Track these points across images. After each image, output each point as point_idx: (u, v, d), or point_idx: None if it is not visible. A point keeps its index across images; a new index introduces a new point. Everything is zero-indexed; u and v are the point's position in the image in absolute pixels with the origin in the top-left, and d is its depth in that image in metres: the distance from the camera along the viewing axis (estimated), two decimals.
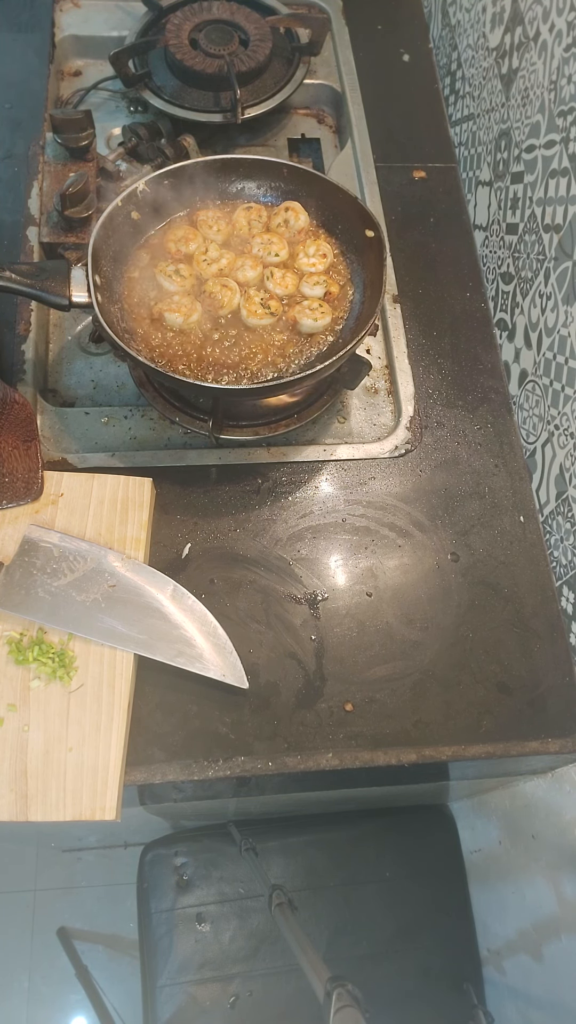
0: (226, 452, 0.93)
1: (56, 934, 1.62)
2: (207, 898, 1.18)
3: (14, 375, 0.95)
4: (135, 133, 1.11)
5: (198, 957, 1.15)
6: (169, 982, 1.14)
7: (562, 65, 0.87)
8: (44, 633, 0.78)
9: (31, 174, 1.09)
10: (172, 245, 0.91)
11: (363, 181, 1.14)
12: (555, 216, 0.89)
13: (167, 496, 0.90)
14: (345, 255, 0.94)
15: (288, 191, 0.96)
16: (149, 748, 0.78)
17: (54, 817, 0.72)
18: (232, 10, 1.17)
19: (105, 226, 0.86)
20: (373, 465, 0.95)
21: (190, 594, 0.81)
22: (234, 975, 1.14)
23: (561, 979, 1.01)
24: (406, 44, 1.29)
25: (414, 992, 1.15)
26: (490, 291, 1.08)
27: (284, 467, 0.93)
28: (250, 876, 1.18)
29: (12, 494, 0.84)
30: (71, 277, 0.82)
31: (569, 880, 0.96)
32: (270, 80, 1.16)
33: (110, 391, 1.00)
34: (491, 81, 1.07)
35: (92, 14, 1.26)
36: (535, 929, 1.07)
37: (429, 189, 1.16)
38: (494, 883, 1.20)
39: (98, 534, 0.84)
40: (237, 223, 0.94)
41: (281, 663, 0.83)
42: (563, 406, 0.87)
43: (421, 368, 1.02)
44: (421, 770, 0.82)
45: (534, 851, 1.05)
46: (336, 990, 0.72)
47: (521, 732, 0.82)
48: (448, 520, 0.92)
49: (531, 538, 0.92)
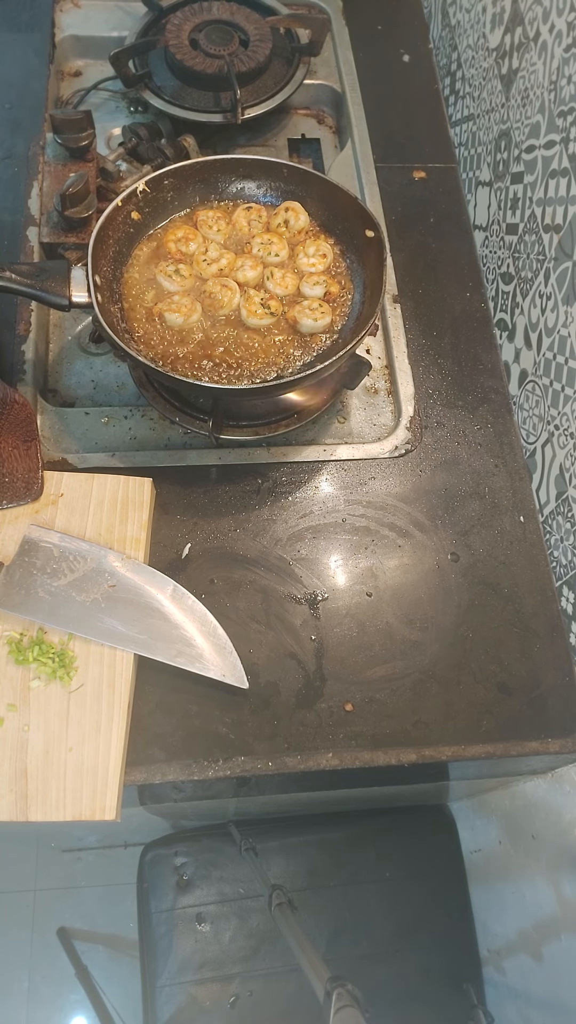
0: (226, 452, 0.93)
1: (56, 934, 1.62)
2: (207, 898, 1.18)
3: (14, 375, 0.95)
4: (135, 133, 1.11)
5: (198, 957, 1.15)
6: (169, 982, 1.14)
7: (562, 65, 0.87)
8: (44, 633, 0.79)
9: (31, 174, 1.09)
10: (172, 245, 0.91)
11: (363, 181, 1.14)
12: (555, 216, 0.89)
13: (167, 496, 0.90)
14: (345, 255, 0.94)
15: (288, 191, 0.96)
16: (149, 748, 0.78)
17: (54, 817, 0.72)
18: (232, 10, 1.17)
19: (105, 226, 0.86)
20: (373, 465, 0.95)
21: (190, 594, 0.81)
22: (234, 975, 1.14)
23: (561, 979, 1.01)
24: (406, 44, 1.30)
25: (414, 992, 1.15)
26: (490, 291, 1.08)
27: (284, 467, 0.93)
28: (250, 876, 1.18)
29: (12, 494, 0.84)
30: (71, 277, 0.82)
31: (569, 880, 0.96)
32: (270, 80, 1.16)
33: (110, 391, 1.00)
34: (491, 81, 1.07)
35: (92, 14, 1.26)
36: (535, 929, 1.07)
37: (429, 189, 1.16)
38: (494, 883, 1.20)
39: (98, 534, 0.84)
40: (237, 223, 0.94)
41: (281, 663, 0.83)
42: (563, 406, 0.87)
43: (421, 368, 1.02)
44: (421, 770, 0.82)
45: (534, 851, 1.05)
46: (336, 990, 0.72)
47: (521, 732, 0.82)
48: (448, 520, 0.92)
49: (531, 538, 0.92)
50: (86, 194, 0.92)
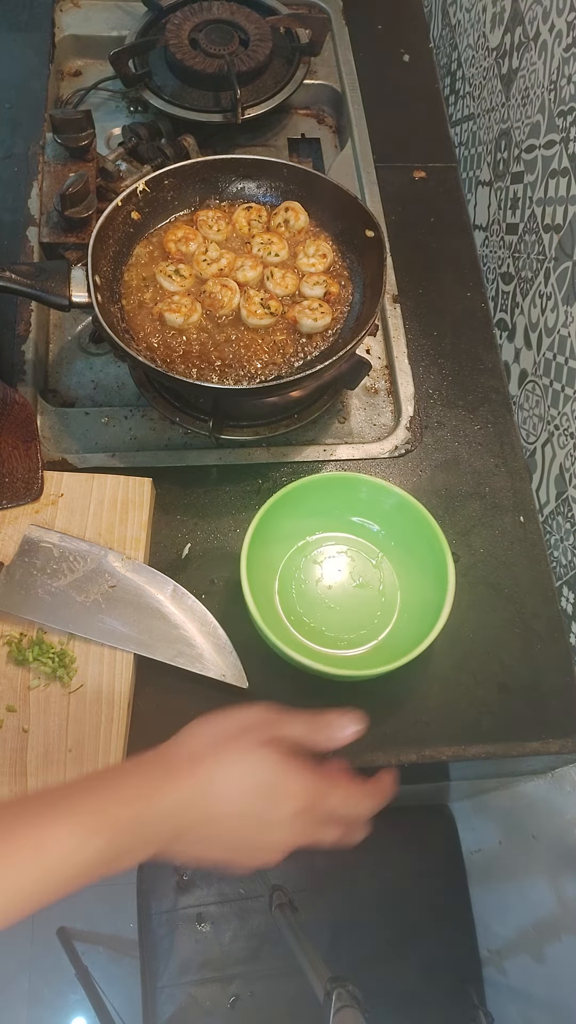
0: (226, 452, 0.93)
1: (56, 934, 1.62)
2: (207, 898, 1.18)
3: (14, 375, 0.95)
4: (135, 133, 1.11)
5: (198, 957, 1.15)
6: (169, 982, 1.14)
7: (562, 65, 0.87)
8: (44, 633, 0.78)
9: (31, 174, 1.09)
10: (172, 245, 0.91)
11: (363, 181, 1.14)
12: (555, 216, 0.89)
13: (167, 496, 0.90)
14: (345, 255, 0.94)
15: (288, 191, 0.96)
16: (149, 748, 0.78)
17: None
18: (232, 10, 1.17)
19: (105, 226, 0.86)
20: (373, 465, 0.95)
21: (190, 594, 0.81)
22: (234, 975, 1.14)
23: (561, 979, 1.01)
24: (406, 44, 1.29)
25: (414, 992, 1.15)
26: (490, 291, 1.08)
27: (284, 467, 0.93)
28: (250, 876, 1.18)
29: (12, 494, 0.84)
30: (71, 277, 0.82)
31: (569, 880, 0.96)
32: (270, 80, 1.16)
33: (110, 391, 1.00)
34: (491, 81, 1.07)
35: (92, 14, 1.26)
36: (535, 929, 1.07)
37: (429, 189, 1.16)
38: (494, 883, 1.20)
39: (98, 534, 0.84)
40: (237, 223, 0.94)
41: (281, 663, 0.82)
42: (563, 406, 0.87)
43: (421, 368, 1.02)
44: (421, 770, 0.82)
45: (534, 851, 1.05)
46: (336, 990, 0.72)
47: (521, 732, 0.82)
48: (448, 520, 0.92)
49: (531, 538, 0.92)
50: (86, 194, 0.92)
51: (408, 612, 0.84)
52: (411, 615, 0.83)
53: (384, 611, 0.84)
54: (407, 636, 0.80)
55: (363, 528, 0.88)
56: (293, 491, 0.82)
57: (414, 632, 0.78)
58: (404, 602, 0.85)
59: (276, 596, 0.84)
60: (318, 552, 0.87)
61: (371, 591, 0.85)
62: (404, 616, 0.84)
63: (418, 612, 0.82)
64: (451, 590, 0.77)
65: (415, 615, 0.82)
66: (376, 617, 0.84)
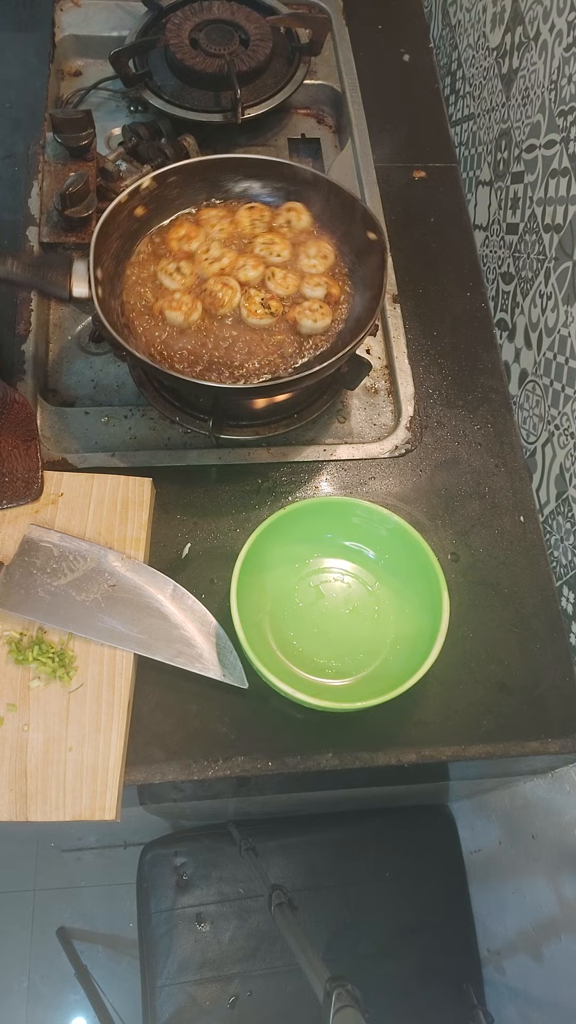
0: (226, 452, 0.93)
1: (56, 934, 1.62)
2: (207, 898, 1.18)
3: (14, 375, 0.95)
4: (135, 133, 1.11)
5: (198, 957, 1.15)
6: (169, 982, 1.14)
7: (562, 65, 0.87)
8: (44, 633, 0.78)
9: (31, 174, 1.09)
10: (174, 243, 0.91)
11: (363, 181, 1.14)
12: (555, 216, 0.89)
13: (167, 496, 0.90)
14: (346, 256, 0.94)
15: (291, 191, 0.95)
16: (149, 748, 0.78)
17: (54, 817, 0.72)
18: (232, 10, 1.17)
19: (108, 221, 0.85)
20: (373, 465, 0.95)
21: (190, 594, 0.81)
22: (234, 975, 1.14)
23: (561, 979, 1.01)
24: (406, 44, 1.29)
25: (414, 992, 1.15)
26: (490, 291, 1.08)
27: (284, 467, 0.93)
28: (250, 876, 1.18)
29: (12, 494, 0.84)
30: (73, 270, 0.82)
31: (569, 880, 0.96)
32: (270, 80, 1.16)
33: (110, 391, 1.00)
34: (491, 81, 1.07)
35: (92, 14, 1.26)
36: (535, 929, 1.07)
37: (429, 189, 1.16)
38: (494, 883, 1.20)
39: (98, 534, 0.84)
40: (240, 222, 0.93)
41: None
42: (563, 406, 0.87)
43: (421, 368, 1.02)
44: (421, 770, 0.82)
45: (534, 851, 1.05)
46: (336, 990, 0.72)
47: (521, 732, 0.82)
48: (448, 520, 0.92)
49: (531, 538, 0.92)
50: (86, 194, 0.92)
51: (401, 642, 0.82)
52: (404, 644, 0.81)
53: (377, 640, 0.83)
54: (399, 666, 0.78)
55: (359, 554, 0.86)
56: (286, 516, 0.80)
57: (406, 662, 0.77)
58: (397, 631, 0.83)
59: (267, 621, 0.82)
60: (312, 578, 0.86)
61: (364, 618, 0.84)
62: (397, 646, 0.82)
63: (411, 641, 0.80)
64: (445, 622, 0.75)
65: (408, 644, 0.80)
66: (368, 645, 0.82)
